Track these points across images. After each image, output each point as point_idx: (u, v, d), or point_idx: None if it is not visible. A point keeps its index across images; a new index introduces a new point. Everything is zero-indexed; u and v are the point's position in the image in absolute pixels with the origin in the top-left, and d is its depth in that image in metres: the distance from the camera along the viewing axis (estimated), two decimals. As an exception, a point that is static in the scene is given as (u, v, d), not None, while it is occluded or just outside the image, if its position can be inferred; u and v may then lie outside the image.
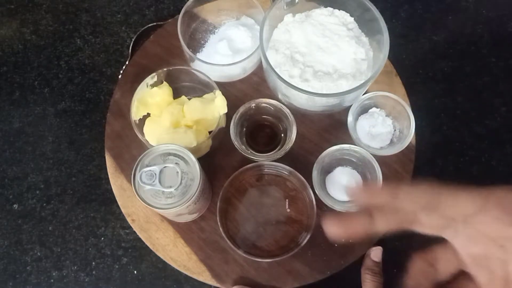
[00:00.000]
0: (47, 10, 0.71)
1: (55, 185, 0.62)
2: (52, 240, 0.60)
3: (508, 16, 0.69)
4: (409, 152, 0.54)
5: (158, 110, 0.54)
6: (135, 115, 0.53)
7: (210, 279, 0.51)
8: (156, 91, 0.54)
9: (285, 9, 0.54)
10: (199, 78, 0.55)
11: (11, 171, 0.63)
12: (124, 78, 0.60)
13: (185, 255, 0.52)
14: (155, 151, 0.45)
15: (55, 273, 0.59)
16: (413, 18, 0.67)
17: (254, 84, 0.58)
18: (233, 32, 0.59)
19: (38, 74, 0.68)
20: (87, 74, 0.67)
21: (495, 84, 0.75)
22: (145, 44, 0.62)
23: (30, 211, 0.62)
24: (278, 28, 0.55)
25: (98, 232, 0.60)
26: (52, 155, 0.64)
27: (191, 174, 0.44)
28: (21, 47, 0.69)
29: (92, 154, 0.63)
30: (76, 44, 0.69)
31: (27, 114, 0.66)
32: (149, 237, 0.53)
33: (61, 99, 0.66)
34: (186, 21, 0.58)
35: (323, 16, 0.54)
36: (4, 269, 0.59)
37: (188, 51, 0.55)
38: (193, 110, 0.53)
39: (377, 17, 0.50)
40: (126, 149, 0.56)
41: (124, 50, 0.67)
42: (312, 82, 0.51)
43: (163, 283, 0.58)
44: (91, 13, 0.71)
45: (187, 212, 0.47)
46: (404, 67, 0.50)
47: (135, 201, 0.54)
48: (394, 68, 0.58)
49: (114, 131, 0.58)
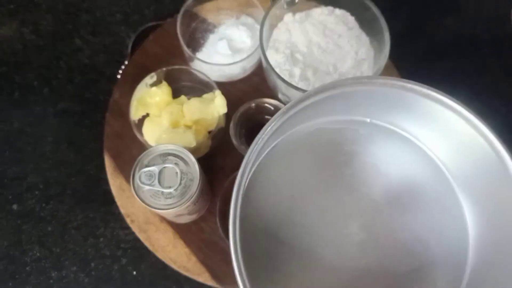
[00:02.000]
0: (47, 10, 0.71)
1: (54, 185, 0.62)
2: (51, 240, 0.60)
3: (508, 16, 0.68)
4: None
5: (158, 110, 0.54)
6: (134, 115, 0.53)
7: (209, 280, 0.51)
8: (156, 91, 0.54)
9: (285, 9, 0.54)
10: (198, 78, 0.55)
11: (11, 171, 0.63)
12: (123, 78, 0.60)
13: (184, 256, 0.51)
14: (154, 151, 0.45)
15: (55, 273, 0.59)
16: (413, 18, 0.67)
17: (254, 84, 0.58)
18: (233, 31, 0.58)
19: (37, 74, 0.68)
20: (86, 74, 0.67)
21: (495, 84, 0.74)
22: (144, 44, 0.62)
23: (29, 212, 0.61)
24: (278, 28, 0.54)
25: (98, 232, 0.60)
26: (51, 155, 0.64)
27: (191, 174, 0.44)
28: (21, 47, 0.69)
29: (91, 154, 0.63)
30: (76, 44, 0.69)
31: (27, 114, 0.66)
32: (149, 237, 0.52)
33: (60, 99, 0.66)
34: (186, 20, 0.58)
35: (324, 15, 0.54)
36: (4, 269, 0.59)
37: (187, 51, 0.55)
38: (192, 110, 0.52)
39: (377, 16, 0.50)
40: (126, 149, 0.56)
41: (124, 50, 0.67)
42: (312, 81, 0.51)
43: (162, 284, 0.58)
44: (91, 13, 0.70)
45: (187, 213, 0.47)
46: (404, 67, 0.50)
47: (134, 202, 0.54)
48: (395, 68, 0.58)
49: (113, 131, 0.57)
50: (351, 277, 0.38)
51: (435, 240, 0.39)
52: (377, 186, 0.40)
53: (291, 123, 0.38)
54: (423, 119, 0.39)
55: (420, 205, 0.40)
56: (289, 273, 0.38)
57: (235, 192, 0.35)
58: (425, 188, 0.40)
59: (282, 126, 0.36)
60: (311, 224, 0.39)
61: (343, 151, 0.41)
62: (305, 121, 0.41)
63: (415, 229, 0.39)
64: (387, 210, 0.40)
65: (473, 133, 0.37)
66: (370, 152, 0.41)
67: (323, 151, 0.41)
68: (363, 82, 0.37)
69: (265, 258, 0.38)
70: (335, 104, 0.39)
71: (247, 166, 0.35)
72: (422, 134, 0.41)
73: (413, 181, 0.41)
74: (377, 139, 0.41)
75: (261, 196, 0.39)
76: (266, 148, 0.39)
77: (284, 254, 0.38)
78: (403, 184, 0.41)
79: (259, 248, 0.38)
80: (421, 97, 0.37)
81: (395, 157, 0.41)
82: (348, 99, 0.38)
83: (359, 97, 0.38)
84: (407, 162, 0.41)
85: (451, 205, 0.39)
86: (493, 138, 0.36)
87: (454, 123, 0.37)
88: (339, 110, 0.40)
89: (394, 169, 0.41)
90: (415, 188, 0.40)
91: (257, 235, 0.38)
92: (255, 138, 0.35)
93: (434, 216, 0.40)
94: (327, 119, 0.41)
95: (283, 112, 0.35)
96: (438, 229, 0.39)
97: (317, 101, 0.36)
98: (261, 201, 0.39)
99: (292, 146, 0.40)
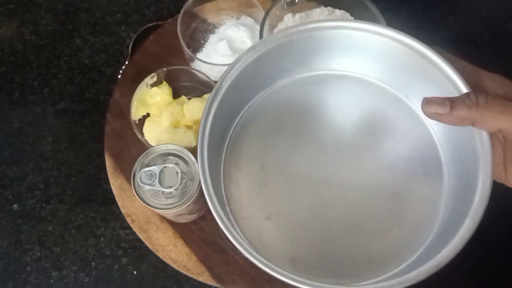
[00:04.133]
0: (46, 10, 0.71)
1: (54, 185, 0.62)
2: (51, 240, 0.60)
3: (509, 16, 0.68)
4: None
5: (158, 110, 0.54)
6: (134, 115, 0.53)
7: (210, 279, 0.51)
8: (156, 91, 0.54)
9: (285, 9, 0.54)
10: (199, 78, 0.55)
11: (11, 171, 0.63)
12: (123, 78, 0.60)
13: (185, 255, 0.52)
14: (154, 151, 0.45)
15: (55, 273, 0.59)
16: (413, 18, 0.67)
17: (254, 84, 0.58)
18: (233, 31, 0.59)
19: (37, 74, 0.68)
20: (86, 74, 0.67)
21: (496, 84, 0.74)
22: (144, 44, 0.62)
23: (29, 211, 0.61)
24: (278, 28, 0.54)
25: (98, 232, 0.60)
26: (51, 155, 0.64)
27: (191, 174, 0.44)
28: (21, 47, 0.69)
29: (91, 154, 0.63)
30: (76, 44, 0.69)
31: (27, 114, 0.66)
32: (149, 237, 0.52)
33: (60, 99, 0.66)
34: (186, 20, 0.58)
35: (324, 15, 0.54)
36: (4, 269, 0.59)
37: (187, 51, 0.55)
38: (193, 110, 0.53)
39: (377, 16, 0.50)
40: (126, 149, 0.56)
41: (124, 50, 0.67)
42: (312, 82, 0.51)
43: (163, 284, 0.58)
44: (91, 12, 0.70)
45: (187, 213, 0.47)
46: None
47: (135, 201, 0.54)
48: (395, 68, 0.58)
49: (113, 131, 0.58)
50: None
51: (411, 154, 0.40)
52: (345, 129, 0.42)
53: (245, 95, 0.42)
54: (356, 51, 0.41)
55: (390, 129, 0.42)
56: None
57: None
58: (386, 113, 0.42)
59: (237, 91, 0.40)
60: (295, 178, 0.40)
61: (302, 109, 0.42)
62: (262, 88, 0.43)
63: (394, 150, 0.41)
64: (361, 145, 0.41)
65: (400, 47, 0.38)
66: (327, 101, 0.43)
67: (285, 116, 0.42)
68: (290, 33, 0.39)
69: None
70: (279, 64, 0.41)
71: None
72: (364, 67, 0.43)
73: (374, 112, 0.42)
74: (330, 86, 0.43)
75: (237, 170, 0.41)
76: (232, 123, 0.42)
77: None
78: (367, 117, 0.42)
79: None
80: (345, 30, 0.39)
81: (352, 97, 0.43)
82: (290, 54, 0.41)
83: (299, 50, 0.41)
84: (364, 98, 0.43)
85: (415, 121, 0.41)
86: (417, 45, 0.38)
87: (382, 46, 0.39)
88: (287, 69, 0.42)
89: (354, 108, 0.43)
90: (379, 118, 0.42)
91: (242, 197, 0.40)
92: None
93: (405, 134, 0.41)
94: (281, 83, 0.43)
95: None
96: (409, 142, 0.41)
97: (262, 56, 0.39)
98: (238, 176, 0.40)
99: (255, 118, 0.42)
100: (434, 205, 0.38)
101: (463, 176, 0.37)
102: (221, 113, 0.38)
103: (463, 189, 0.36)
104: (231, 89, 0.39)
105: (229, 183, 0.40)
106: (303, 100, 0.43)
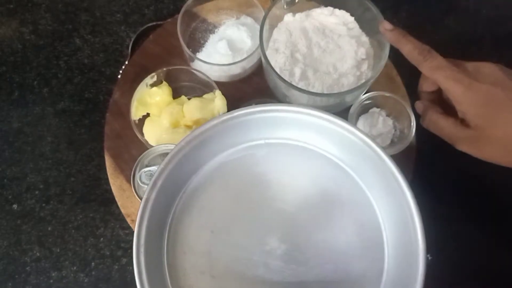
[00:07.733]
0: (46, 10, 0.71)
1: (54, 185, 0.62)
2: (51, 240, 0.60)
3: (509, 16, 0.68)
4: (410, 152, 0.54)
5: (158, 110, 0.54)
6: (134, 115, 0.53)
7: (210, 279, 0.51)
8: (156, 91, 0.54)
9: (285, 9, 0.54)
10: (198, 78, 0.55)
11: (10, 171, 0.63)
12: (123, 78, 0.60)
13: (184, 255, 0.51)
14: (154, 151, 0.45)
15: (55, 273, 0.59)
16: (413, 18, 0.67)
17: (254, 84, 0.58)
18: (233, 31, 0.58)
19: (37, 74, 0.68)
20: (86, 74, 0.67)
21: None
22: (144, 44, 0.62)
23: (29, 212, 0.61)
24: (278, 28, 0.54)
25: (98, 232, 0.60)
26: (51, 155, 0.64)
27: (191, 174, 0.44)
28: (20, 47, 0.69)
29: (91, 154, 0.63)
30: (75, 43, 0.69)
31: (26, 114, 0.66)
32: (149, 237, 0.52)
33: (60, 99, 0.66)
34: (186, 20, 0.58)
35: (324, 15, 0.54)
36: (4, 269, 0.59)
37: (187, 51, 0.55)
38: (192, 110, 0.53)
39: (377, 16, 0.50)
40: (126, 149, 0.56)
41: (124, 50, 0.67)
42: (312, 82, 0.51)
43: (162, 284, 0.58)
44: (91, 12, 0.70)
45: (187, 213, 0.47)
46: (405, 67, 0.50)
47: (135, 202, 0.54)
48: (395, 68, 0.58)
49: (113, 131, 0.57)
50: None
51: (354, 233, 0.41)
52: (287, 198, 0.42)
53: (191, 167, 0.42)
54: (307, 129, 0.42)
55: (332, 204, 0.42)
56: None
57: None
58: (331, 187, 0.43)
59: (180, 169, 0.40)
60: (235, 252, 0.41)
61: (248, 177, 0.43)
62: (207, 160, 0.43)
63: (333, 228, 0.41)
64: (303, 216, 0.42)
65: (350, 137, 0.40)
66: (272, 169, 0.44)
67: (231, 183, 0.43)
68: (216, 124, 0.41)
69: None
70: (227, 137, 0.42)
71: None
72: (313, 139, 0.43)
73: (319, 183, 0.43)
74: (276, 155, 0.44)
75: (185, 239, 0.42)
76: (177, 193, 0.43)
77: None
78: (311, 188, 0.43)
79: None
80: (293, 114, 0.41)
81: (296, 166, 0.44)
82: (239, 128, 0.42)
83: (246, 125, 0.42)
84: (309, 167, 0.44)
85: (361, 199, 0.42)
86: (365, 138, 0.39)
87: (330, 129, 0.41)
88: (232, 141, 0.43)
89: (299, 177, 0.44)
90: (323, 190, 0.43)
91: (188, 272, 0.41)
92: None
93: (349, 212, 0.42)
94: (226, 153, 0.44)
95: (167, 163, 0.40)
96: (354, 223, 0.42)
97: (203, 140, 0.41)
98: (186, 241, 0.42)
99: (203, 185, 0.43)
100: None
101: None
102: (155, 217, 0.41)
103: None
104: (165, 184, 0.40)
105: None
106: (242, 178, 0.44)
